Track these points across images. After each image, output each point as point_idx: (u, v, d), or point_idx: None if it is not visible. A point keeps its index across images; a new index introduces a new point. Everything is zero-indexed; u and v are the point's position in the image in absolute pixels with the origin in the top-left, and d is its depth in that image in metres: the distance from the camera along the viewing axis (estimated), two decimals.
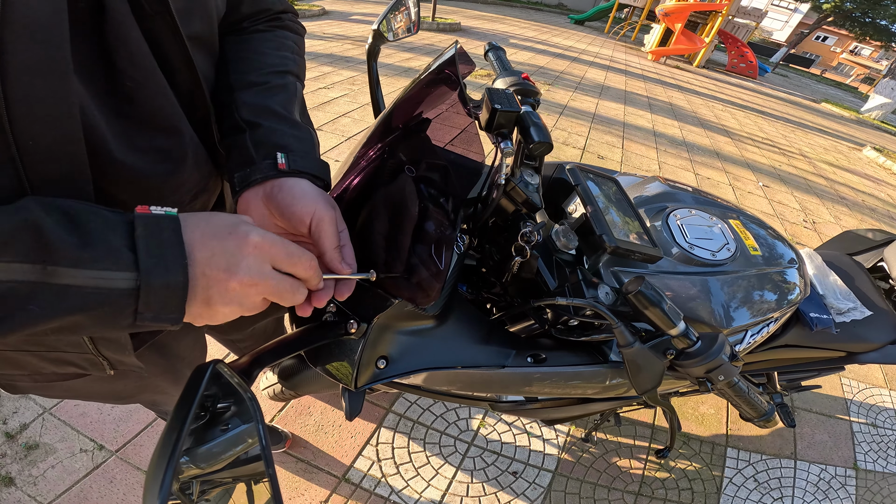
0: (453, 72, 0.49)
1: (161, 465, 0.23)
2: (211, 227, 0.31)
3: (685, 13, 9.45)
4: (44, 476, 1.11)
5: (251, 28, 0.52)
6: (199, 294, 0.30)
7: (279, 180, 0.41)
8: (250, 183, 0.41)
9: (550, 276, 0.55)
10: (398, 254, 0.41)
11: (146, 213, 0.29)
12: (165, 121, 0.38)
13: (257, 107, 0.45)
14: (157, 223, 0.28)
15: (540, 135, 0.50)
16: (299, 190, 0.40)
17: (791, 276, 0.71)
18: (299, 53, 0.55)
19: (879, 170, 5.82)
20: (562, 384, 0.59)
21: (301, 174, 0.42)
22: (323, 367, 0.49)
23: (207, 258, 0.29)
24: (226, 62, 0.48)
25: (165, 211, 0.29)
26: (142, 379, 0.57)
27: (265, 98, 0.46)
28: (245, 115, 0.44)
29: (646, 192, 0.74)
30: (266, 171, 0.41)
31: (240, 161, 0.42)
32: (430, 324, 0.50)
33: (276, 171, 0.41)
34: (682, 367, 0.48)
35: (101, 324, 0.28)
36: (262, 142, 0.43)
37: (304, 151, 0.44)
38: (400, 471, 1.28)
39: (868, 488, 1.54)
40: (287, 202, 0.39)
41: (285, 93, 0.48)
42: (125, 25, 0.32)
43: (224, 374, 0.30)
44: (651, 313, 0.44)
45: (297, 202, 0.39)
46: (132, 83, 0.34)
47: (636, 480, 1.39)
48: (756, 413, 0.56)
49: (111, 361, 0.47)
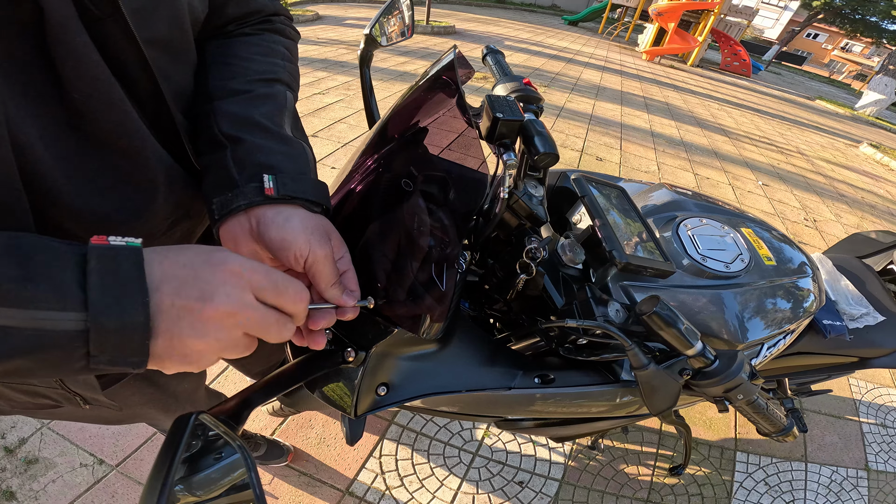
0: (452, 78, 0.47)
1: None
2: (182, 256, 0.27)
3: (678, 12, 9.50)
4: (45, 490, 1.10)
5: (237, 31, 0.46)
6: (166, 331, 0.26)
7: (265, 209, 0.36)
8: (231, 210, 0.36)
9: (557, 292, 0.52)
10: (399, 280, 0.39)
11: (102, 244, 0.25)
12: (125, 139, 0.34)
13: (239, 118, 0.39)
14: (114, 256, 0.25)
15: (545, 145, 0.48)
16: (289, 226, 0.35)
17: (806, 284, 0.69)
18: (291, 60, 0.49)
19: (877, 166, 5.84)
20: (570, 404, 0.56)
21: (292, 200, 0.37)
22: (321, 394, 0.46)
23: (175, 288, 0.26)
24: (205, 67, 0.43)
25: (126, 241, 0.26)
26: (128, 407, 0.54)
27: (249, 108, 0.40)
28: (225, 129, 0.39)
29: (653, 201, 0.72)
30: (251, 196, 0.35)
31: (219, 183, 0.37)
32: (432, 348, 0.47)
33: (263, 198, 0.35)
34: (699, 387, 0.46)
35: (49, 368, 0.25)
36: (245, 160, 0.37)
37: (296, 172, 0.38)
38: (404, 483, 1.26)
39: (881, 489, 1.52)
40: (277, 241, 0.35)
41: (273, 103, 0.42)
42: (68, 30, 0.28)
43: (207, 423, 0.27)
44: (667, 334, 0.41)
45: (286, 242, 0.34)
46: (79, 95, 0.30)
47: (644, 487, 1.37)
48: (775, 429, 0.54)
49: (84, 397, 0.44)
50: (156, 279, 0.26)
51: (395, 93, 3.99)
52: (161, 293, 0.26)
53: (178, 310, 0.26)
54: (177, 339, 0.26)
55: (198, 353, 0.27)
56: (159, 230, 0.40)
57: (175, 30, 0.37)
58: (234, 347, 0.29)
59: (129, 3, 0.30)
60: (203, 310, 0.26)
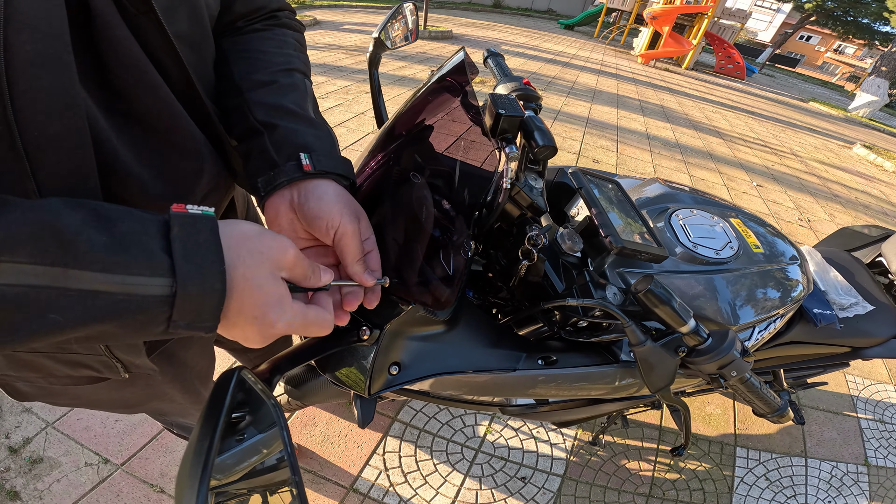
0: (460, 79, 0.50)
1: (195, 477, 0.22)
2: (244, 228, 0.30)
3: (672, 16, 9.63)
4: (49, 490, 1.10)
5: (247, 28, 0.50)
6: (237, 299, 0.28)
7: (305, 183, 0.40)
8: (276, 186, 0.40)
9: (557, 278, 0.55)
10: (411, 260, 0.41)
11: (182, 212, 0.27)
12: (168, 120, 0.38)
13: (271, 106, 0.43)
14: (194, 224, 0.26)
15: (544, 138, 0.51)
16: (326, 198, 0.39)
17: (793, 272, 0.72)
18: (302, 50, 0.54)
19: (870, 167, 5.90)
20: (573, 385, 0.59)
21: (326, 175, 0.41)
22: (334, 376, 0.49)
23: (244, 259, 0.28)
24: (227, 63, 0.47)
25: (202, 210, 0.27)
26: (150, 386, 0.56)
27: (278, 97, 0.44)
28: (260, 117, 0.43)
29: (646, 194, 0.75)
30: (291, 173, 0.40)
31: (261, 165, 0.41)
32: (440, 329, 0.50)
33: (302, 173, 0.40)
34: (694, 364, 0.48)
35: (132, 332, 0.26)
36: (282, 143, 0.41)
37: (326, 150, 0.43)
38: (408, 479, 1.27)
39: (881, 484, 1.53)
40: (313, 211, 0.39)
41: (296, 91, 0.47)
42: (112, 25, 0.31)
43: (248, 380, 0.30)
44: (661, 311, 0.44)
45: (322, 211, 0.38)
46: (122, 82, 0.33)
47: (646, 482, 1.38)
48: (769, 408, 0.56)
49: (125, 364, 0.46)
50: (229, 249, 0.28)
51: (395, 96, 4.03)
52: (235, 263, 0.28)
53: (247, 281, 0.28)
54: (246, 307, 0.28)
55: (256, 327, 0.30)
56: (195, 202, 0.43)
57: (196, 25, 0.41)
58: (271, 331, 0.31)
59: (160, 1, 0.34)
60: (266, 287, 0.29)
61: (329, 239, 0.39)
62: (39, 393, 0.51)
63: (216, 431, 0.25)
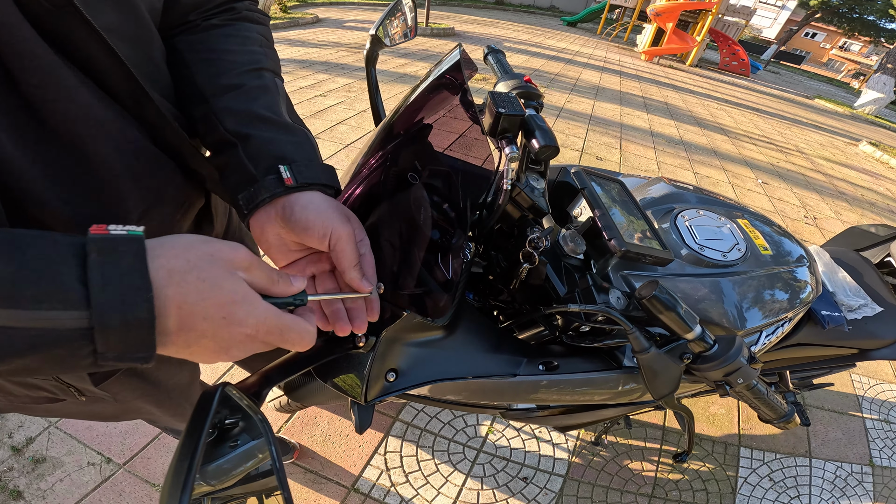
0: (457, 76, 0.49)
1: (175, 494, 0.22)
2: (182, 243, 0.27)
3: (676, 12, 9.54)
4: (52, 490, 1.11)
5: (204, 24, 0.46)
6: (174, 325, 0.25)
7: (289, 197, 0.38)
8: (258, 204, 0.38)
9: (559, 281, 0.54)
10: (408, 266, 0.40)
11: (102, 234, 0.24)
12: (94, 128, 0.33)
13: (241, 114, 0.40)
14: (115, 248, 0.24)
15: (546, 138, 0.49)
16: (313, 207, 0.37)
17: (802, 274, 0.70)
18: (269, 45, 0.49)
19: (876, 164, 5.84)
20: (574, 391, 0.58)
21: (311, 186, 0.39)
22: (332, 382, 0.48)
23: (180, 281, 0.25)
24: (186, 66, 0.43)
25: (128, 231, 0.24)
26: (120, 403, 0.54)
27: (247, 102, 0.41)
28: (231, 127, 0.40)
29: (651, 194, 0.74)
30: (272, 188, 0.37)
31: (239, 180, 0.39)
32: (439, 334, 0.49)
33: (284, 188, 0.37)
34: (699, 371, 0.47)
35: (57, 366, 0.24)
36: (258, 155, 0.39)
37: (306, 159, 0.40)
38: (409, 479, 1.27)
39: (885, 485, 1.52)
40: (302, 223, 0.37)
41: (267, 93, 0.43)
42: (10, 26, 0.28)
43: (233, 396, 0.29)
44: (666, 318, 0.43)
45: (312, 222, 0.36)
46: (31, 91, 0.30)
47: (649, 482, 1.37)
48: (776, 414, 0.55)
49: (79, 389, 0.44)
50: (160, 272, 0.25)
51: (395, 94, 4.02)
52: (167, 286, 0.25)
53: (203, 283, 0.26)
54: (211, 310, 0.26)
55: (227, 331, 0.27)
56: (131, 219, 0.38)
57: (127, 15, 0.36)
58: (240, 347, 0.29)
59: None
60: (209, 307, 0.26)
61: (325, 245, 0.37)
62: (12, 406, 0.50)
63: (196, 451, 0.24)
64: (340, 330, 0.37)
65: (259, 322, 0.29)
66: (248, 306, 0.28)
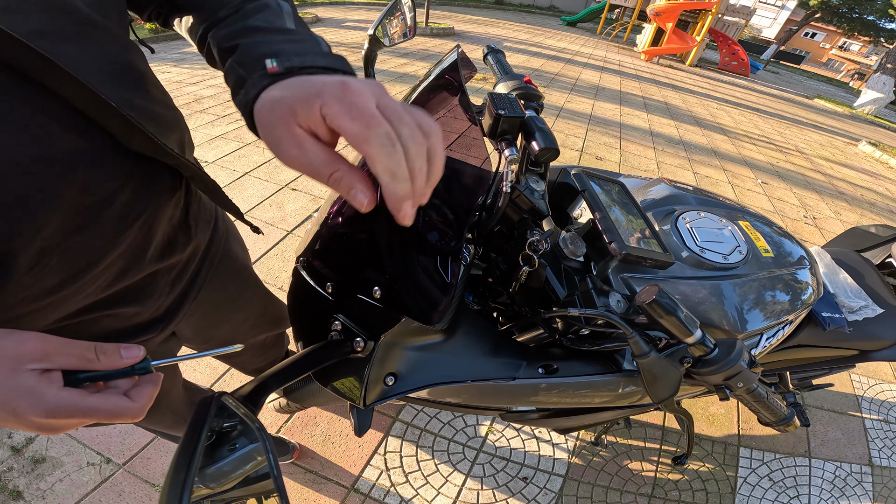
0: (455, 77, 0.49)
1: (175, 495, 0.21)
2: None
3: (676, 12, 9.53)
4: (52, 490, 1.11)
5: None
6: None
7: (277, 84, 0.32)
8: (249, 103, 0.33)
9: (559, 284, 0.53)
10: (406, 270, 0.40)
11: None
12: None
13: (233, 31, 0.38)
14: None
15: (546, 140, 0.49)
16: (297, 83, 0.31)
17: (804, 276, 0.70)
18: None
19: (876, 164, 5.84)
20: (574, 394, 0.57)
21: (301, 71, 0.33)
22: (331, 386, 0.47)
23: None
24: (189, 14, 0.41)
25: None
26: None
27: (241, 21, 0.39)
28: (224, 45, 0.38)
29: (652, 195, 0.73)
30: (258, 82, 0.33)
31: (234, 87, 0.36)
32: (438, 338, 0.48)
33: (269, 78, 0.33)
34: (699, 375, 0.47)
35: None
36: (246, 58, 0.36)
37: (301, 51, 0.36)
38: (409, 479, 1.27)
39: (885, 485, 1.52)
40: (288, 101, 0.30)
41: (266, 10, 0.40)
42: None
43: (230, 405, 0.29)
44: (667, 322, 0.42)
45: (299, 97, 0.29)
46: None
47: (649, 482, 1.38)
48: (776, 417, 0.55)
49: None
50: None
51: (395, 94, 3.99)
52: None
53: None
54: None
55: (14, 424, 0.28)
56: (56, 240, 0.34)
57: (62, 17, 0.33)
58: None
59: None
60: None
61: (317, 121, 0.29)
62: None
63: (193, 459, 0.24)
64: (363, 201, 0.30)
65: (51, 410, 0.29)
66: (34, 399, 0.28)
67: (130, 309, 0.47)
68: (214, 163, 2.62)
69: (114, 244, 0.39)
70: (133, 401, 0.32)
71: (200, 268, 0.58)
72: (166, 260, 0.49)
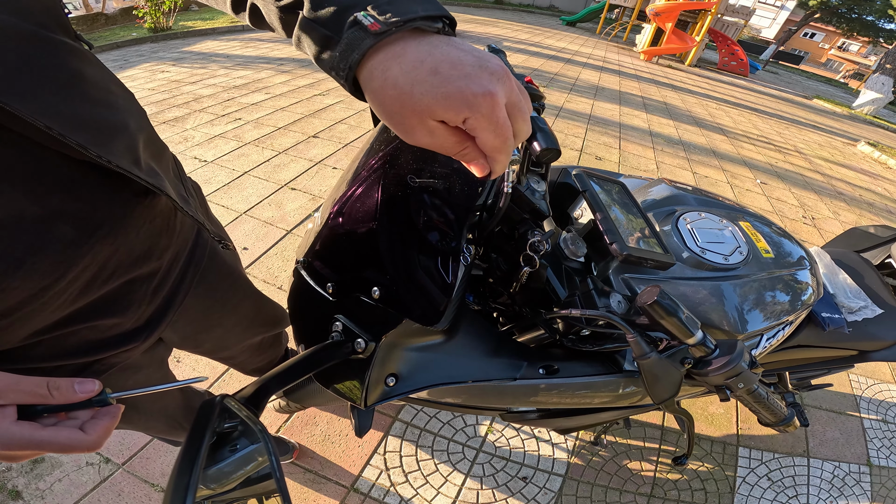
0: None
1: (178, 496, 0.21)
2: None
3: (675, 12, 9.53)
4: (51, 489, 1.10)
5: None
6: None
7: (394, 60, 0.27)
8: (350, 66, 0.27)
9: (560, 284, 0.53)
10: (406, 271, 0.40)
11: None
12: None
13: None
14: None
15: (547, 141, 0.49)
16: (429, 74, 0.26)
17: (804, 277, 0.70)
18: None
19: (875, 164, 5.85)
20: (574, 394, 0.57)
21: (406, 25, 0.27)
22: (332, 387, 0.47)
23: None
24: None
25: None
26: None
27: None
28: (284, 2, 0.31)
29: (652, 196, 0.73)
30: (357, 43, 0.27)
31: (319, 47, 0.29)
32: (438, 339, 0.48)
33: (373, 37, 0.27)
34: (700, 376, 0.47)
35: None
36: (323, 11, 0.28)
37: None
38: (409, 479, 1.27)
39: (883, 485, 1.52)
40: (429, 105, 0.26)
41: None
42: None
43: (232, 408, 0.29)
44: (668, 323, 0.42)
45: (443, 105, 0.26)
46: None
47: (648, 482, 1.38)
48: (775, 418, 0.55)
49: None
50: None
51: None
52: None
53: None
54: None
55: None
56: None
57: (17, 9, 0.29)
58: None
59: None
60: None
61: (457, 122, 0.27)
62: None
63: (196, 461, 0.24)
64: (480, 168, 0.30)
65: (2, 443, 0.29)
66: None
67: (109, 320, 0.46)
68: (213, 162, 2.61)
69: (74, 259, 0.36)
70: (87, 434, 0.31)
71: (185, 273, 0.56)
72: (140, 268, 0.46)
